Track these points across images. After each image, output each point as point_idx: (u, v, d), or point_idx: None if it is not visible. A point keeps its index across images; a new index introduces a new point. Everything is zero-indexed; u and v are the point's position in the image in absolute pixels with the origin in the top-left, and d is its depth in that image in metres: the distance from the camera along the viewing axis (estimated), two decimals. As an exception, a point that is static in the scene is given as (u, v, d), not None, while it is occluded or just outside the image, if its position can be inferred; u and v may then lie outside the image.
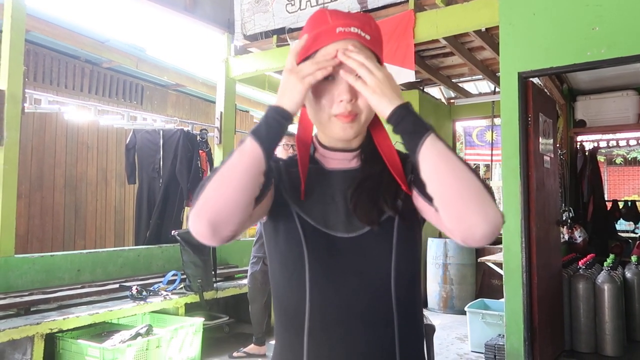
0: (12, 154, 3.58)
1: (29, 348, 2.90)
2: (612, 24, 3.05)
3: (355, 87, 0.88)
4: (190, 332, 3.55)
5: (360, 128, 0.93)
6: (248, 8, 5.07)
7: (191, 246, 3.99)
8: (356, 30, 0.91)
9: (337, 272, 0.93)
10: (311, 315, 0.93)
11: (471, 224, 0.79)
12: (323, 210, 0.95)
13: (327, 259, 0.93)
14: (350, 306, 0.92)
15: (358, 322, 0.92)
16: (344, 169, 0.98)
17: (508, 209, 3.40)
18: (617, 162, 13.97)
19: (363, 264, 0.93)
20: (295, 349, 0.95)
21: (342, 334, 0.92)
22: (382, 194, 0.94)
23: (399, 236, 0.93)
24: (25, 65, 3.77)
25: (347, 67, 0.88)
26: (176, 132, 5.11)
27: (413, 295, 0.98)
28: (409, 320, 0.95)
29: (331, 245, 0.93)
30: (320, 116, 0.93)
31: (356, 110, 0.91)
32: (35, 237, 5.55)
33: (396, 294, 0.93)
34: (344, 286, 0.92)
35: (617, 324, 3.87)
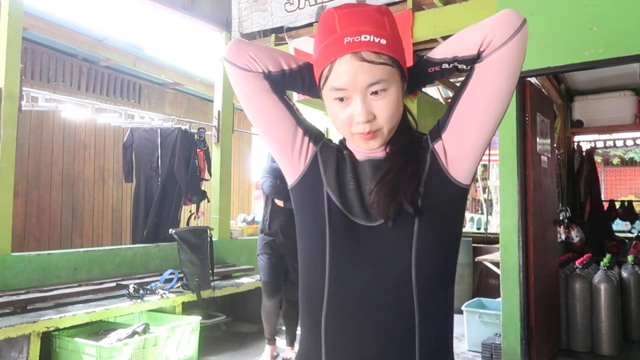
0: (9, 152, 3.57)
1: (26, 346, 2.89)
2: (610, 24, 3.06)
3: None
4: (188, 330, 3.55)
5: (385, 138, 0.93)
6: (246, 7, 5.06)
7: (188, 245, 3.99)
8: (368, 37, 0.86)
9: (356, 259, 0.93)
10: (329, 299, 0.94)
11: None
12: (349, 196, 0.96)
13: (348, 244, 0.94)
14: (368, 295, 0.91)
15: (375, 312, 0.91)
16: (371, 158, 0.97)
17: (505, 209, 3.40)
18: (614, 163, 14.01)
19: (382, 254, 0.92)
20: (314, 335, 0.95)
21: (358, 322, 0.92)
22: (401, 189, 0.92)
23: (421, 228, 0.91)
24: (22, 63, 3.76)
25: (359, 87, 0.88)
26: (174, 130, 5.10)
27: (439, 292, 0.94)
28: (434, 320, 0.93)
29: (352, 231, 0.94)
30: (341, 131, 0.95)
31: (375, 127, 0.90)
32: (32, 236, 5.53)
33: (418, 289, 0.91)
34: (362, 274, 0.92)
35: (613, 323, 3.88)
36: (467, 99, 0.90)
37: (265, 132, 1.03)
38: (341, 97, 0.89)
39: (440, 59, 0.92)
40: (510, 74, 0.87)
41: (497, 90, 0.88)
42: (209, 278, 4.10)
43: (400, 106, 0.93)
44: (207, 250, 4.10)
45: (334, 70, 0.88)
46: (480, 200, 12.09)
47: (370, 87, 0.87)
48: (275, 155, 1.04)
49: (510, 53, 0.85)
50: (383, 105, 0.89)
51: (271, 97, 0.99)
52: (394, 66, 0.89)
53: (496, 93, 0.88)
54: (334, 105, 0.92)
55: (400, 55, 0.91)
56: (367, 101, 0.88)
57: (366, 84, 0.87)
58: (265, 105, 0.99)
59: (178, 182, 5.05)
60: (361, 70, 0.86)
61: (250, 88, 0.98)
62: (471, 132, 0.91)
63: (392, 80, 0.89)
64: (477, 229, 8.63)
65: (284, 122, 1.00)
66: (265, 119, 1.01)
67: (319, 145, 1.03)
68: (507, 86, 0.88)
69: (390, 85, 0.89)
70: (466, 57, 0.89)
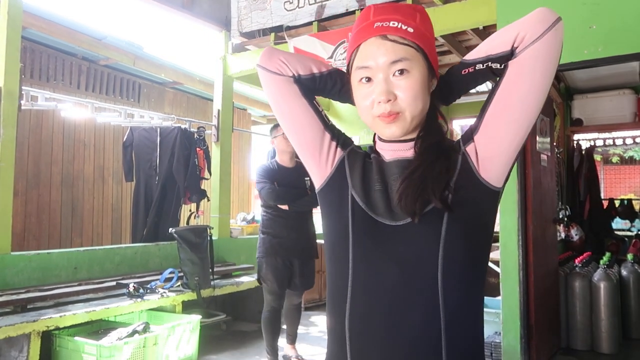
0: (8, 151, 3.57)
1: (26, 345, 2.89)
2: (609, 22, 3.06)
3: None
4: (188, 329, 3.55)
5: (407, 125, 0.92)
6: (245, 5, 5.06)
7: (188, 244, 3.99)
8: (396, 24, 0.90)
9: (379, 258, 0.92)
10: (352, 301, 0.93)
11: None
12: (375, 197, 0.96)
13: (371, 245, 0.93)
14: (391, 296, 0.90)
15: (399, 313, 0.89)
16: (399, 158, 0.97)
17: (505, 207, 3.40)
18: (614, 161, 14.01)
19: (407, 254, 0.91)
20: (339, 336, 0.94)
21: (382, 323, 0.90)
22: (429, 185, 0.90)
23: (449, 229, 0.89)
24: (22, 62, 3.76)
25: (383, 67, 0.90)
26: (173, 129, 5.10)
27: (467, 295, 0.91)
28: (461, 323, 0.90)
29: (376, 231, 0.93)
30: (365, 118, 0.95)
31: (397, 109, 0.90)
32: (32, 235, 5.53)
33: (444, 291, 0.88)
34: (386, 274, 0.91)
35: (613, 321, 3.89)
36: (500, 97, 0.89)
37: (293, 135, 1.05)
38: (367, 77, 0.92)
39: (473, 60, 0.92)
40: (544, 71, 0.85)
41: (531, 87, 0.86)
42: (209, 277, 4.11)
43: (425, 95, 0.92)
44: (207, 249, 4.10)
45: (360, 50, 0.93)
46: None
47: (393, 66, 0.89)
48: (303, 158, 1.07)
49: (545, 49, 0.84)
50: (405, 85, 0.89)
51: (300, 100, 1.02)
52: (418, 51, 0.91)
53: (531, 90, 0.86)
54: (359, 88, 0.94)
55: (428, 48, 0.93)
56: (389, 81, 0.90)
57: (389, 61, 0.89)
58: (294, 109, 1.02)
59: (177, 181, 5.05)
60: (384, 47, 0.90)
61: (280, 91, 1.02)
62: (503, 132, 0.89)
63: (416, 62, 0.90)
64: (476, 228, 8.62)
65: (312, 126, 1.03)
66: (294, 122, 1.04)
67: (346, 150, 1.04)
68: (542, 83, 0.86)
69: (414, 67, 0.90)
70: (499, 54, 0.88)
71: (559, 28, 0.85)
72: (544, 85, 0.86)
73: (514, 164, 0.93)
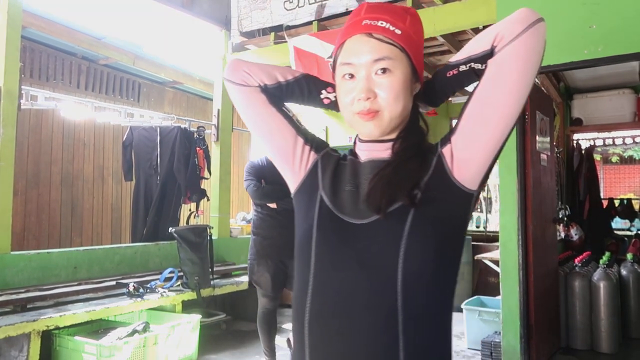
0: (8, 151, 3.56)
1: (26, 345, 2.89)
2: (609, 22, 3.06)
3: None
4: (188, 329, 3.55)
5: (385, 124, 0.91)
6: (245, 5, 5.06)
7: (188, 243, 3.99)
8: (384, 24, 0.90)
9: (340, 257, 0.90)
10: (312, 302, 0.91)
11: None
12: (345, 197, 0.95)
13: (334, 243, 0.91)
14: (349, 296, 0.87)
15: (357, 315, 0.86)
16: (374, 159, 0.96)
17: (505, 207, 3.41)
18: (613, 161, 14.02)
19: (368, 253, 0.88)
20: (300, 338, 0.93)
21: (339, 327, 0.87)
22: (398, 182, 0.89)
23: (412, 228, 0.86)
24: (21, 61, 3.75)
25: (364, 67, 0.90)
26: (173, 129, 5.10)
27: (430, 298, 0.88)
28: (422, 327, 0.86)
29: (340, 230, 0.91)
30: (345, 114, 0.95)
31: (376, 107, 0.90)
32: (32, 234, 5.53)
33: (404, 293, 0.85)
34: (346, 275, 0.88)
35: (612, 321, 3.89)
36: (478, 98, 0.87)
37: (266, 144, 1.06)
38: (350, 74, 0.92)
39: (457, 61, 0.92)
40: (523, 71, 0.83)
41: (509, 87, 0.84)
42: (209, 276, 4.11)
43: (406, 96, 0.92)
44: (206, 248, 4.10)
45: (345, 46, 0.93)
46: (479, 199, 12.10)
47: (375, 64, 0.89)
48: (278, 165, 1.07)
49: (523, 48, 0.82)
50: (385, 84, 0.89)
51: (269, 108, 1.03)
52: (402, 52, 0.90)
53: (508, 91, 0.84)
54: (342, 84, 0.94)
55: (414, 51, 0.92)
56: (371, 79, 0.90)
57: (372, 59, 0.89)
58: (263, 117, 1.03)
59: (177, 180, 5.05)
60: (368, 45, 0.90)
61: (248, 101, 1.04)
62: (480, 133, 0.87)
63: (399, 63, 0.90)
64: (476, 227, 8.63)
65: (283, 132, 1.03)
66: (265, 130, 1.04)
67: (320, 153, 1.04)
68: (521, 84, 0.83)
69: (396, 67, 0.90)
70: (480, 54, 0.87)
71: (539, 28, 0.82)
72: (523, 86, 0.84)
73: (491, 168, 0.90)
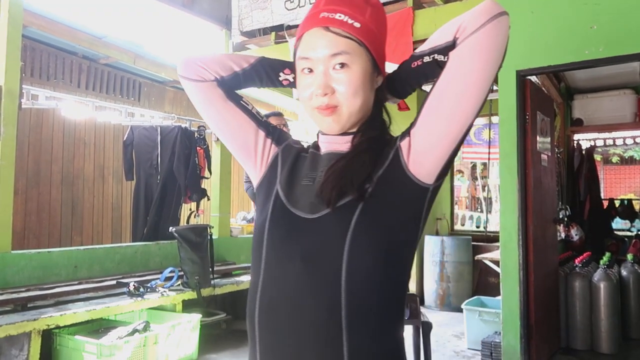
0: (9, 150, 3.56)
1: (26, 344, 2.89)
2: (610, 22, 3.06)
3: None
4: (188, 328, 3.55)
5: (344, 120, 0.90)
6: (246, 4, 5.06)
7: (189, 243, 3.99)
8: (342, 17, 0.87)
9: (287, 254, 0.88)
10: (261, 297, 0.90)
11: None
12: (299, 190, 0.94)
13: (283, 239, 0.90)
14: (295, 293, 0.86)
15: (302, 313, 0.85)
16: (333, 151, 0.95)
17: (505, 207, 3.41)
18: (614, 161, 14.01)
19: (313, 248, 0.86)
20: (252, 334, 0.91)
21: (285, 322, 0.86)
22: (350, 175, 0.87)
23: (359, 222, 0.84)
24: (22, 60, 3.75)
25: (322, 60, 0.88)
26: (174, 128, 5.10)
27: (375, 294, 0.85)
28: (366, 322, 0.84)
29: (291, 224, 0.90)
30: (305, 108, 0.94)
31: (334, 102, 0.88)
32: (32, 234, 5.53)
33: (347, 288, 0.83)
34: (291, 267, 0.87)
35: (612, 321, 3.89)
36: (437, 90, 0.84)
37: (227, 140, 1.05)
38: (308, 68, 0.90)
39: (421, 52, 0.89)
40: (483, 63, 0.80)
41: (469, 80, 0.81)
42: (209, 276, 4.11)
43: (366, 91, 0.90)
44: (207, 248, 4.10)
45: (303, 39, 0.91)
46: (479, 199, 12.10)
47: (333, 59, 0.87)
48: (241, 162, 1.06)
49: (484, 40, 0.80)
50: (343, 79, 0.87)
51: (227, 104, 1.01)
52: (361, 46, 0.88)
53: (467, 83, 0.81)
54: (301, 78, 0.92)
55: (374, 44, 0.90)
56: (329, 74, 0.88)
57: (329, 54, 0.87)
58: (222, 113, 1.02)
59: (178, 180, 5.05)
60: (325, 39, 0.87)
61: (206, 98, 1.02)
62: (437, 125, 0.84)
63: (357, 57, 0.88)
64: (476, 227, 8.64)
65: (243, 127, 1.02)
66: (225, 126, 1.03)
67: (281, 146, 1.03)
68: (480, 77, 0.81)
69: (354, 62, 0.87)
70: (443, 45, 0.85)
71: (502, 21, 0.80)
72: (482, 80, 0.81)
73: (449, 162, 0.87)
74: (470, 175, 12.77)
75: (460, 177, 11.83)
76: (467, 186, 12.48)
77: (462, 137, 0.85)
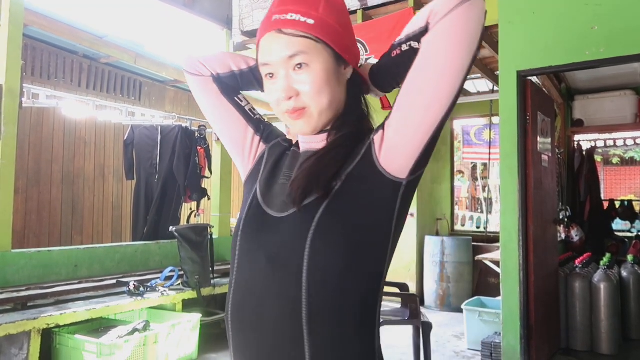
0: (9, 149, 3.57)
1: (26, 343, 2.89)
2: (611, 23, 3.06)
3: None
4: (188, 328, 3.55)
5: (315, 120, 0.88)
6: (247, 4, 5.06)
7: (189, 242, 3.99)
8: (294, 16, 0.85)
9: (254, 250, 0.87)
10: (233, 295, 0.90)
11: None
12: (276, 189, 0.93)
13: (254, 239, 0.89)
14: (259, 291, 0.85)
15: (266, 312, 0.84)
16: (309, 150, 0.94)
17: (506, 208, 3.41)
18: (614, 162, 14.02)
19: (277, 247, 0.85)
20: (227, 331, 0.92)
21: (251, 320, 0.86)
22: (317, 173, 0.85)
23: (321, 221, 0.81)
24: (23, 59, 3.75)
25: (282, 64, 0.86)
26: (174, 128, 5.10)
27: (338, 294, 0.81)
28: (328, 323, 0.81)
29: (261, 224, 0.89)
30: (277, 114, 0.92)
31: (300, 104, 0.86)
32: (32, 233, 5.53)
33: (308, 287, 0.81)
34: (257, 268, 0.86)
35: (613, 322, 3.89)
36: (410, 79, 0.80)
37: (220, 135, 1.08)
38: (270, 74, 0.88)
39: (398, 40, 0.86)
40: (454, 50, 0.76)
41: (440, 68, 0.77)
42: (209, 276, 4.11)
43: (332, 87, 0.87)
44: (207, 247, 4.10)
45: (260, 46, 0.89)
46: (480, 199, 12.10)
47: (290, 61, 0.85)
48: (232, 157, 1.07)
49: (455, 24, 0.76)
50: (305, 79, 0.85)
51: (220, 99, 1.04)
52: (318, 42, 0.85)
53: (439, 72, 0.77)
54: (267, 84, 0.91)
55: (333, 37, 0.87)
56: (290, 76, 0.86)
57: (285, 56, 0.85)
58: (215, 108, 1.05)
59: (178, 179, 5.05)
60: (279, 42, 0.85)
61: (202, 92, 1.05)
62: (410, 115, 0.80)
63: (316, 55, 0.85)
64: (476, 228, 8.64)
65: (234, 123, 1.04)
66: (216, 120, 1.06)
67: (270, 144, 1.03)
68: (452, 64, 0.77)
69: (313, 60, 0.85)
70: (416, 31, 0.81)
71: (475, 4, 0.76)
72: (455, 67, 0.77)
73: (425, 155, 0.82)
74: (471, 175, 12.77)
75: (461, 178, 11.83)
76: (468, 187, 12.48)
77: (437, 129, 0.80)
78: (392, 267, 0.91)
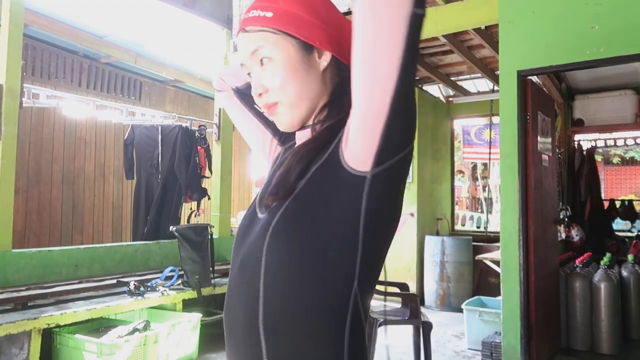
0: (9, 149, 3.57)
1: (26, 343, 2.90)
2: (611, 22, 3.06)
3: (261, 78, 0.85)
4: (188, 328, 3.55)
5: (290, 114, 0.85)
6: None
7: (189, 242, 3.99)
8: (255, 12, 0.84)
9: (236, 254, 0.87)
10: (225, 298, 0.90)
11: None
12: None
13: (242, 239, 0.88)
14: (234, 292, 0.85)
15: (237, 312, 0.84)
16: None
17: (506, 207, 3.41)
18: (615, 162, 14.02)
19: (245, 247, 0.85)
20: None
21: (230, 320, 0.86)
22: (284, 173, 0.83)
23: (277, 223, 0.78)
24: (23, 59, 3.76)
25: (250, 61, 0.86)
26: (174, 128, 5.10)
27: (294, 296, 0.77)
28: (282, 325, 0.78)
29: (250, 225, 0.88)
30: None
31: (271, 100, 0.85)
32: (33, 233, 5.54)
33: (265, 295, 0.78)
34: (235, 267, 0.86)
35: (613, 322, 3.89)
36: (353, 57, 0.70)
37: (248, 143, 1.16)
38: (248, 74, 0.90)
39: None
40: (384, 12, 0.64)
41: (367, 40, 0.67)
42: (210, 275, 4.11)
43: (299, 76, 0.83)
44: (207, 247, 4.10)
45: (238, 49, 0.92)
46: (480, 199, 12.11)
47: (254, 57, 0.85)
48: (261, 162, 1.13)
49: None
50: (268, 74, 0.84)
51: (241, 109, 1.13)
52: (277, 33, 0.82)
53: (368, 44, 0.67)
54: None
55: (294, 25, 0.82)
56: (258, 73, 0.85)
57: (248, 55, 0.85)
58: (237, 118, 1.14)
59: (178, 179, 5.05)
60: (243, 41, 0.86)
61: (227, 105, 1.15)
62: (357, 96, 0.70)
63: (275, 46, 0.82)
64: (477, 228, 8.64)
65: (256, 130, 1.11)
66: (243, 129, 1.15)
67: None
68: (386, 28, 0.65)
69: (274, 52, 0.82)
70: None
71: None
72: (391, 31, 0.65)
73: (386, 144, 0.71)
74: (471, 175, 12.78)
75: (461, 178, 11.83)
76: (468, 186, 12.49)
77: (391, 111, 0.68)
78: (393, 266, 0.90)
